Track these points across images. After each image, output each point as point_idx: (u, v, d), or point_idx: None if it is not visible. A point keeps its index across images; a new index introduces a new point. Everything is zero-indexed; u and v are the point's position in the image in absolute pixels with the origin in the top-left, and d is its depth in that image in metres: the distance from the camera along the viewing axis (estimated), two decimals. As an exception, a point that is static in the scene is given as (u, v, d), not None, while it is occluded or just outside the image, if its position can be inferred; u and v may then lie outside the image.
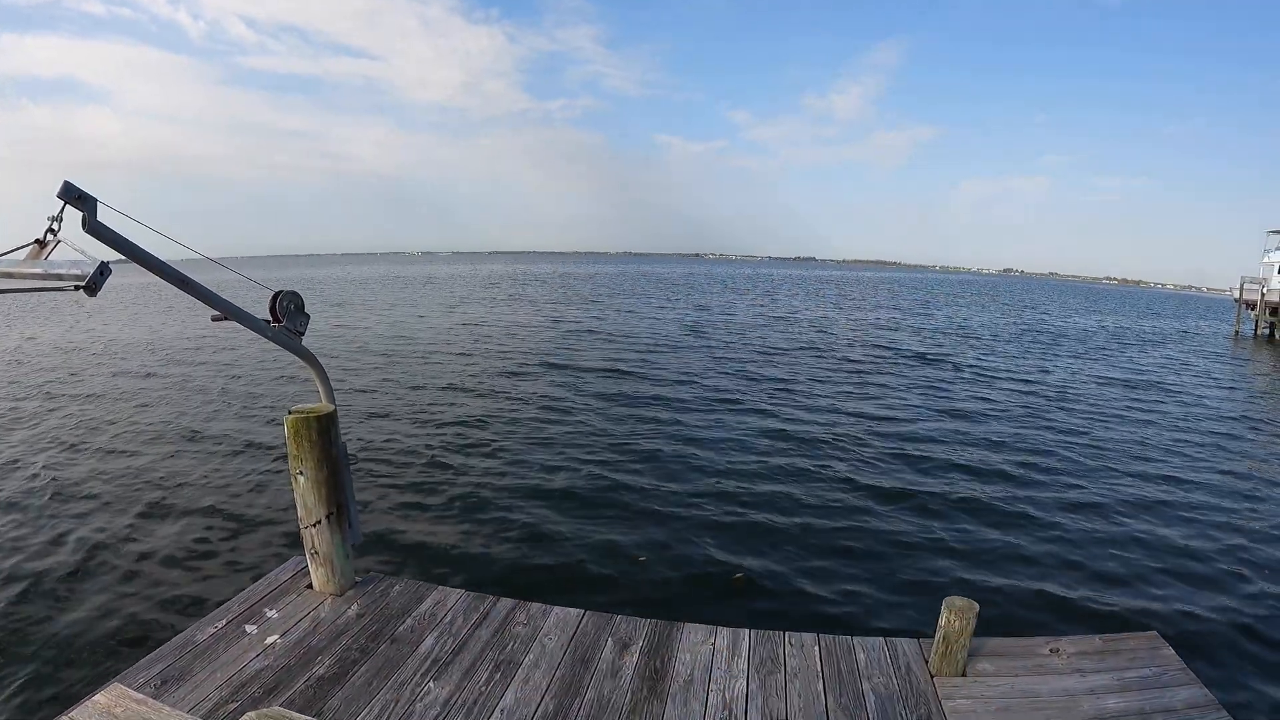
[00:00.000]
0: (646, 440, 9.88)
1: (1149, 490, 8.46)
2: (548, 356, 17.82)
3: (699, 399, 12.92)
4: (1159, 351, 25.63)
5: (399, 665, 3.42)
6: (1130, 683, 3.33)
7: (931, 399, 13.76)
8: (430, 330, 23.92)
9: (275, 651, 3.48)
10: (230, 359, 17.11)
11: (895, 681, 3.37)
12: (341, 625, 3.76)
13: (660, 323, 27.64)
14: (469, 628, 3.78)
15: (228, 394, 13.12)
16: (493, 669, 3.42)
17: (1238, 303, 37.05)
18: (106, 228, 2.74)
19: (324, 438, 3.85)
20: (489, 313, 31.00)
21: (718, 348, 20.26)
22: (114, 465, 8.68)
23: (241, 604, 3.93)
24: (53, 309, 31.38)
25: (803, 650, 3.62)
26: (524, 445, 9.60)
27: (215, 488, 7.84)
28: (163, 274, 3.05)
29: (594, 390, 13.60)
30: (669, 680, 3.36)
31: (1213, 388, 17.49)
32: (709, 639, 3.71)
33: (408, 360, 17.11)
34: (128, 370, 15.89)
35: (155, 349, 19.31)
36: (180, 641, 3.55)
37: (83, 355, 18.29)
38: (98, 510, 7.16)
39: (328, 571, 4.04)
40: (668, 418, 11.31)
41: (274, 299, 3.67)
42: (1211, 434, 11.88)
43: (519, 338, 21.95)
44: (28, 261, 2.80)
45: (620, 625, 3.84)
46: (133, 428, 10.56)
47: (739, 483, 8.12)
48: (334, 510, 3.95)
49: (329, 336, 21.40)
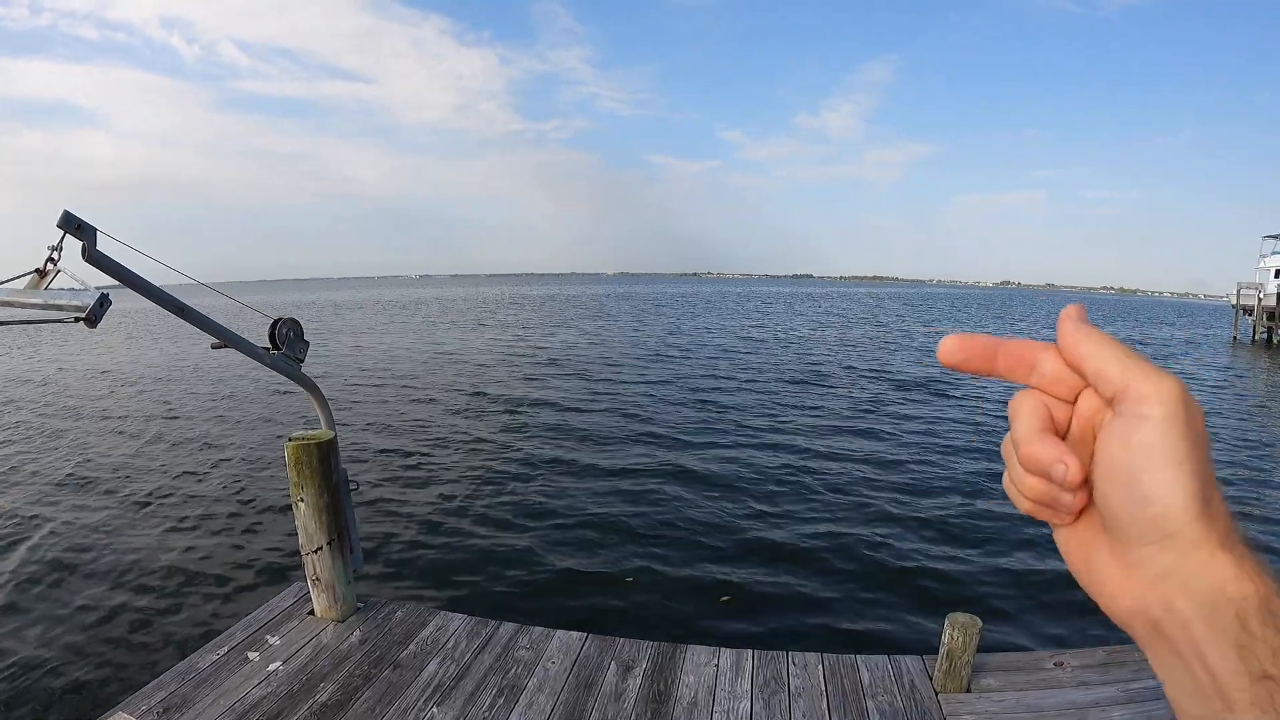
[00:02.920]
0: (643, 465, 9.88)
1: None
2: (544, 382, 17.83)
3: (690, 422, 12.91)
4: (1156, 361, 25.63)
5: (402, 691, 3.41)
6: (1136, 694, 3.32)
7: (927, 420, 13.76)
8: (423, 356, 23.94)
9: (278, 678, 3.47)
10: (229, 386, 17.13)
11: (899, 699, 3.35)
12: (344, 651, 3.75)
13: (639, 343, 27.64)
14: (472, 653, 3.77)
15: (227, 420, 13.11)
16: (496, 694, 3.40)
17: (1235, 309, 37.14)
18: (106, 257, 2.77)
19: (324, 465, 3.86)
20: (475, 338, 31.00)
21: (686, 373, 20.28)
22: (115, 490, 8.67)
23: (244, 631, 3.92)
24: (53, 333, 31.42)
25: (806, 670, 3.61)
26: (522, 470, 9.58)
27: (216, 514, 7.82)
28: (161, 302, 3.08)
29: (590, 418, 13.60)
30: (673, 703, 3.34)
31: (1208, 394, 17.49)
32: (712, 660, 3.70)
33: (403, 387, 17.12)
34: (125, 397, 15.91)
35: (153, 374, 19.33)
36: (183, 669, 3.54)
37: (85, 380, 18.31)
38: (100, 537, 7.13)
39: (329, 598, 4.04)
40: (665, 443, 11.30)
41: (273, 326, 3.70)
42: (1214, 436, 11.85)
43: (511, 362, 21.96)
44: (28, 291, 2.81)
45: (623, 648, 3.82)
46: (133, 455, 10.55)
47: (742, 507, 8.10)
48: (335, 537, 3.95)
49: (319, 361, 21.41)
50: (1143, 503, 0.33)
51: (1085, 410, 0.39)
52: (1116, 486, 0.34)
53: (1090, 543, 0.38)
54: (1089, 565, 0.38)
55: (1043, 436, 0.38)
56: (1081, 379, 0.38)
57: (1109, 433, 0.35)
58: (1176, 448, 0.32)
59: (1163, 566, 0.33)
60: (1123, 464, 0.34)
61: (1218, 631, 0.30)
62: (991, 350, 0.40)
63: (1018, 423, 0.39)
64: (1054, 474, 0.36)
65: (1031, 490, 0.39)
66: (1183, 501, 0.32)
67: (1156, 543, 0.33)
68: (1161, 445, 0.33)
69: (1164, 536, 0.33)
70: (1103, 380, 0.36)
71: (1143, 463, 0.33)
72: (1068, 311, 0.39)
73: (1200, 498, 0.32)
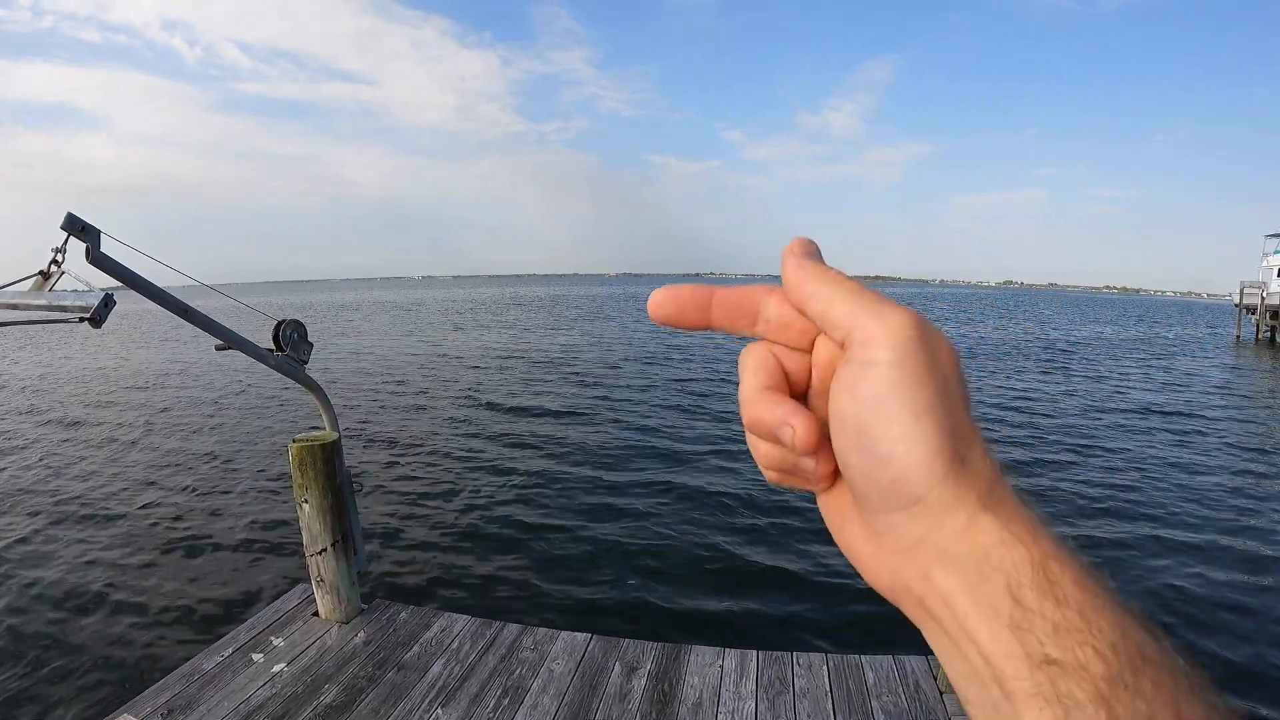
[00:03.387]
0: (644, 466, 9.87)
1: (1155, 495, 8.42)
2: (551, 380, 17.85)
3: (691, 425, 12.91)
4: (1160, 361, 25.60)
5: (406, 693, 3.40)
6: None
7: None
8: (425, 358, 23.96)
9: (282, 680, 3.47)
10: (232, 387, 17.15)
11: (904, 700, 3.34)
12: (348, 653, 3.75)
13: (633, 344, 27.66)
14: (476, 654, 3.76)
15: (231, 422, 13.15)
16: (501, 695, 3.40)
17: (1238, 308, 37.03)
18: (110, 259, 2.77)
19: (328, 466, 3.86)
20: (477, 339, 31.01)
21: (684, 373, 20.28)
22: (119, 492, 8.68)
23: (248, 632, 3.92)
24: (60, 335, 31.49)
25: (811, 670, 3.60)
26: (525, 471, 9.58)
27: (220, 515, 7.84)
28: (165, 304, 3.08)
29: (592, 419, 13.61)
30: (677, 703, 3.33)
31: (1215, 395, 17.45)
32: (716, 661, 3.69)
33: (407, 389, 17.14)
34: (130, 398, 15.93)
35: (158, 376, 19.37)
36: (187, 670, 3.54)
37: (87, 381, 18.35)
38: (104, 538, 7.14)
39: (334, 599, 4.03)
40: (666, 443, 11.29)
41: (277, 327, 3.70)
42: (1220, 439, 11.84)
43: (514, 365, 21.97)
44: (32, 293, 2.82)
45: (627, 649, 3.81)
46: (136, 456, 10.57)
47: (743, 507, 8.09)
48: (339, 538, 3.95)
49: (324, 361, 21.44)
50: (880, 463, 0.28)
51: (823, 358, 0.33)
52: (850, 446, 0.29)
53: (845, 511, 0.33)
54: (843, 536, 0.33)
55: (766, 394, 0.32)
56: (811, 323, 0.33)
57: (837, 383, 0.30)
58: (913, 396, 0.27)
59: (913, 536, 0.28)
60: (853, 419, 0.29)
61: (985, 608, 0.25)
62: (704, 299, 0.34)
63: (742, 381, 0.34)
64: (782, 437, 0.31)
65: (767, 457, 0.33)
66: (924, 458, 0.27)
67: (903, 509, 0.28)
68: (894, 394, 0.27)
69: (910, 502, 0.28)
70: (829, 323, 0.30)
71: (873, 416, 0.28)
72: (791, 246, 0.34)
73: (948, 453, 0.27)
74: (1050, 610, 0.24)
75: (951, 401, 0.28)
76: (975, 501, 0.27)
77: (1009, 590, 0.25)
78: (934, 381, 0.28)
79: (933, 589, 0.27)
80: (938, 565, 0.27)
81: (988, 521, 0.27)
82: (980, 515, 0.27)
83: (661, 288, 0.35)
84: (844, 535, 0.33)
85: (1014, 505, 0.28)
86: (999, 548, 0.26)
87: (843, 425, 0.29)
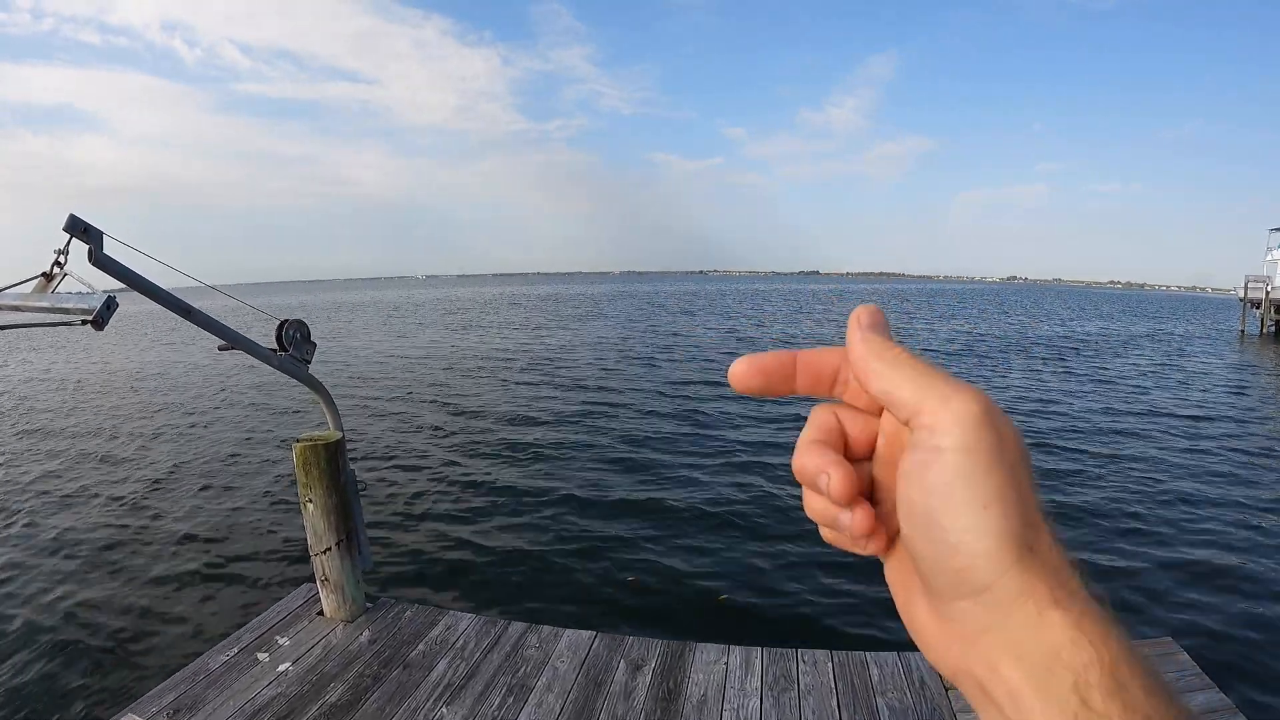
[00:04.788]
0: (646, 468, 9.87)
1: (1159, 494, 8.40)
2: (558, 379, 17.84)
3: (692, 421, 12.91)
4: (1162, 353, 25.52)
5: (412, 691, 3.41)
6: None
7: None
8: (427, 358, 23.99)
9: (287, 679, 3.48)
10: (235, 387, 17.18)
11: (909, 696, 3.34)
12: (353, 652, 3.76)
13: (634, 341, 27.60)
14: (481, 652, 3.77)
15: (235, 422, 13.18)
16: (505, 693, 3.40)
17: (1243, 302, 36.88)
18: (112, 260, 2.77)
19: (332, 465, 3.86)
20: (479, 339, 31.03)
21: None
22: (121, 490, 8.71)
23: (253, 632, 3.93)
24: (62, 335, 31.58)
25: (816, 667, 3.59)
26: (528, 470, 9.59)
27: (225, 515, 7.85)
28: (168, 304, 3.08)
29: (594, 420, 13.60)
30: (682, 701, 3.34)
31: (1221, 389, 17.38)
32: (721, 658, 3.69)
33: (411, 388, 17.15)
34: (136, 399, 15.98)
35: (162, 376, 19.42)
36: (193, 669, 3.55)
37: (89, 383, 18.40)
38: (110, 537, 7.17)
39: (338, 598, 4.04)
40: (667, 444, 11.28)
41: (280, 327, 3.70)
42: (1224, 435, 11.80)
43: (517, 364, 21.98)
44: (34, 295, 2.82)
45: (632, 646, 3.82)
46: (139, 456, 10.60)
47: (744, 507, 8.09)
48: (344, 537, 3.95)
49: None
50: (948, 551, 0.27)
51: (889, 426, 0.33)
52: (919, 534, 0.29)
53: (910, 587, 0.32)
54: (909, 612, 0.33)
55: (813, 446, 0.32)
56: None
57: (903, 472, 0.30)
58: (981, 484, 0.27)
59: (981, 624, 0.27)
60: (921, 508, 0.28)
61: (1052, 705, 0.25)
62: (789, 367, 0.34)
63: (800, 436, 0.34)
64: (819, 485, 0.31)
65: (810, 509, 0.33)
66: (992, 549, 0.26)
67: (971, 596, 0.27)
68: (961, 483, 0.27)
69: (977, 590, 0.27)
70: (893, 403, 0.30)
71: (941, 505, 0.27)
72: (857, 315, 0.33)
73: (1016, 542, 0.27)
74: (1117, 714, 0.24)
75: (1020, 488, 0.27)
76: (1045, 594, 0.26)
77: (1077, 690, 0.24)
78: (1002, 468, 0.27)
79: (999, 680, 0.27)
80: (1005, 658, 0.26)
81: (1058, 618, 0.26)
82: (1050, 610, 0.26)
83: (742, 359, 0.34)
84: (909, 611, 0.33)
85: (1084, 600, 0.27)
86: (1069, 647, 0.25)
87: (911, 513, 0.29)
